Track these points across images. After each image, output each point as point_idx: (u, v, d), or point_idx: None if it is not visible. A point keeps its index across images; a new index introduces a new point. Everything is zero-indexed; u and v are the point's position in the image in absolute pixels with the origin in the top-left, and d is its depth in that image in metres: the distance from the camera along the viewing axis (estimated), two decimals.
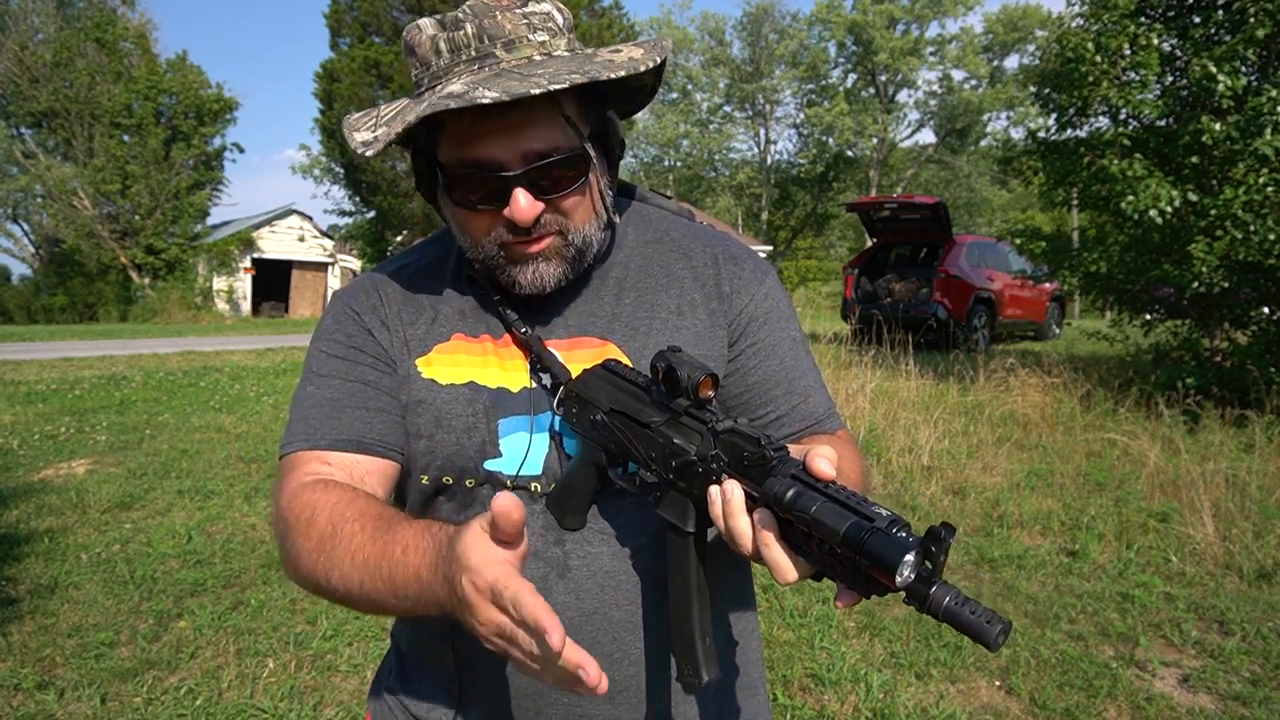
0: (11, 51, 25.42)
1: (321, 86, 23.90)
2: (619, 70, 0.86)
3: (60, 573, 3.87)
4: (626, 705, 0.95)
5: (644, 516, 0.94)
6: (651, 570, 0.94)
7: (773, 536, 0.72)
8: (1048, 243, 8.80)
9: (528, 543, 0.73)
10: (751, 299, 1.01)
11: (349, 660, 3.10)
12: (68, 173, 25.87)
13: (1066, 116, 8.10)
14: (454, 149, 0.88)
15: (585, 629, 0.93)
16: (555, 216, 0.90)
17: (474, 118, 0.85)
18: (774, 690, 2.89)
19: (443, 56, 0.88)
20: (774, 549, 0.72)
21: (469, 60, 0.87)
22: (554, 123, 0.87)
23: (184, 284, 25.68)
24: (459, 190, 0.89)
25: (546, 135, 0.86)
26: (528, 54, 0.87)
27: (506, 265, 0.92)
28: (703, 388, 0.81)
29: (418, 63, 0.90)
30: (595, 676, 0.64)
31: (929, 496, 4.98)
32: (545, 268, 0.91)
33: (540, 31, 0.88)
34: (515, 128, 0.85)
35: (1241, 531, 4.14)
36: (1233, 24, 6.88)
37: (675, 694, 0.97)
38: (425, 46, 0.89)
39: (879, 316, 10.42)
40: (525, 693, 0.94)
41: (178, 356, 13.13)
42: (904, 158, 43.84)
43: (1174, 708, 2.77)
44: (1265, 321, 7.24)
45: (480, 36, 0.86)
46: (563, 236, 0.91)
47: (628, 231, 1.04)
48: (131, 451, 6.38)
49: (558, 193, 0.89)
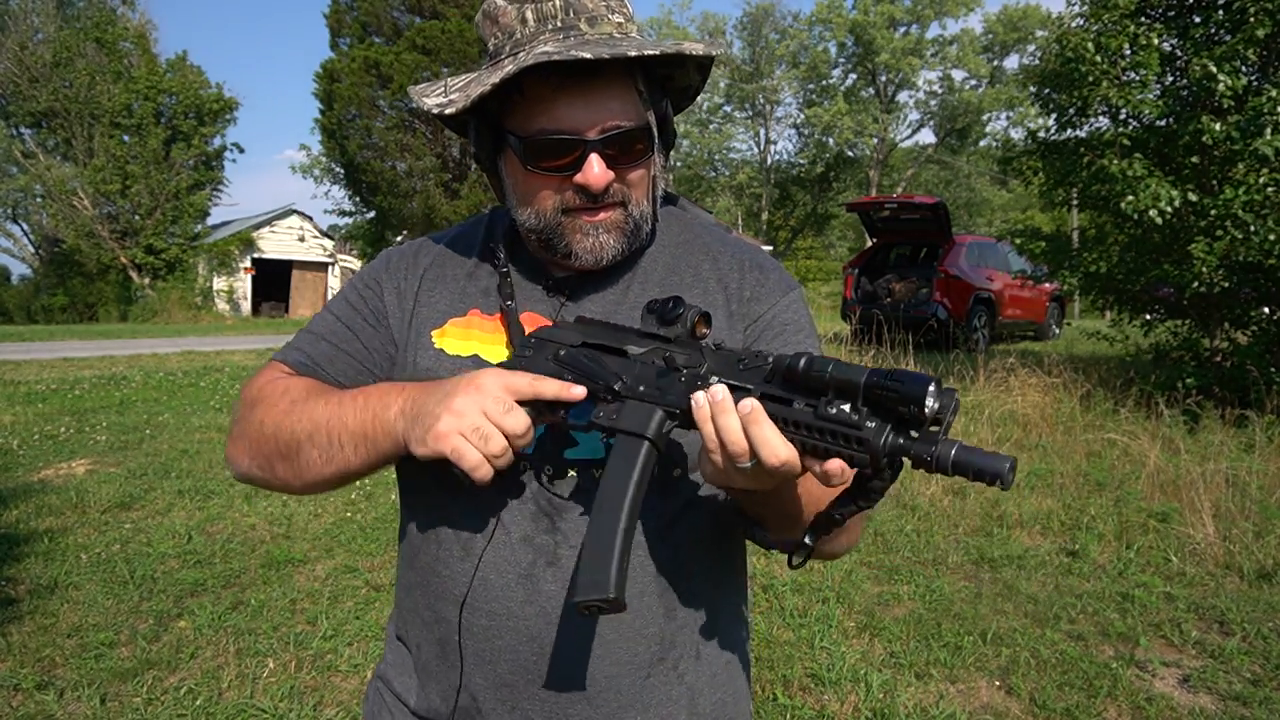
0: (11, 51, 25.42)
1: (321, 87, 23.90)
2: (698, 48, 0.91)
3: (60, 573, 3.87)
4: (605, 707, 0.93)
5: (644, 510, 0.93)
6: (645, 567, 0.94)
7: (762, 413, 0.71)
8: (1048, 243, 8.79)
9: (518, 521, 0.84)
10: (771, 307, 1.02)
11: (349, 660, 3.10)
12: (68, 173, 25.87)
13: (1066, 116, 8.09)
14: (530, 114, 0.91)
15: (569, 620, 0.92)
16: (621, 187, 0.93)
17: (555, 86, 0.88)
18: (774, 690, 2.89)
19: (529, 25, 0.91)
20: (765, 425, 0.71)
21: (554, 30, 0.90)
22: (629, 96, 0.91)
23: (184, 284, 25.68)
24: (532, 154, 0.91)
25: (623, 108, 0.90)
26: (608, 30, 0.91)
27: (568, 234, 0.94)
28: (699, 324, 0.83)
29: (500, 31, 0.93)
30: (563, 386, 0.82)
31: (929, 496, 4.98)
32: (606, 238, 0.94)
33: (617, 14, 0.93)
34: (594, 97, 0.89)
35: (1241, 531, 4.14)
36: (1233, 24, 6.88)
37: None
38: (510, 15, 0.92)
39: (879, 316, 10.42)
40: (505, 685, 0.94)
41: (178, 356, 13.14)
42: (904, 158, 43.84)
43: (1174, 708, 2.77)
44: (1265, 321, 7.24)
45: (567, 10, 0.91)
46: (624, 208, 0.94)
47: (664, 230, 1.06)
48: (131, 451, 6.38)
49: (627, 164, 0.92)
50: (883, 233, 13.65)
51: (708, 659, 1.00)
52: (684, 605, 0.97)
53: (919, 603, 3.61)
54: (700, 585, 0.99)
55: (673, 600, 0.96)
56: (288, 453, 0.93)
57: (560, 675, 0.92)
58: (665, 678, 0.96)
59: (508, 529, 0.93)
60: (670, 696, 0.96)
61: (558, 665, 0.92)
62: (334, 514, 4.78)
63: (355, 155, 23.36)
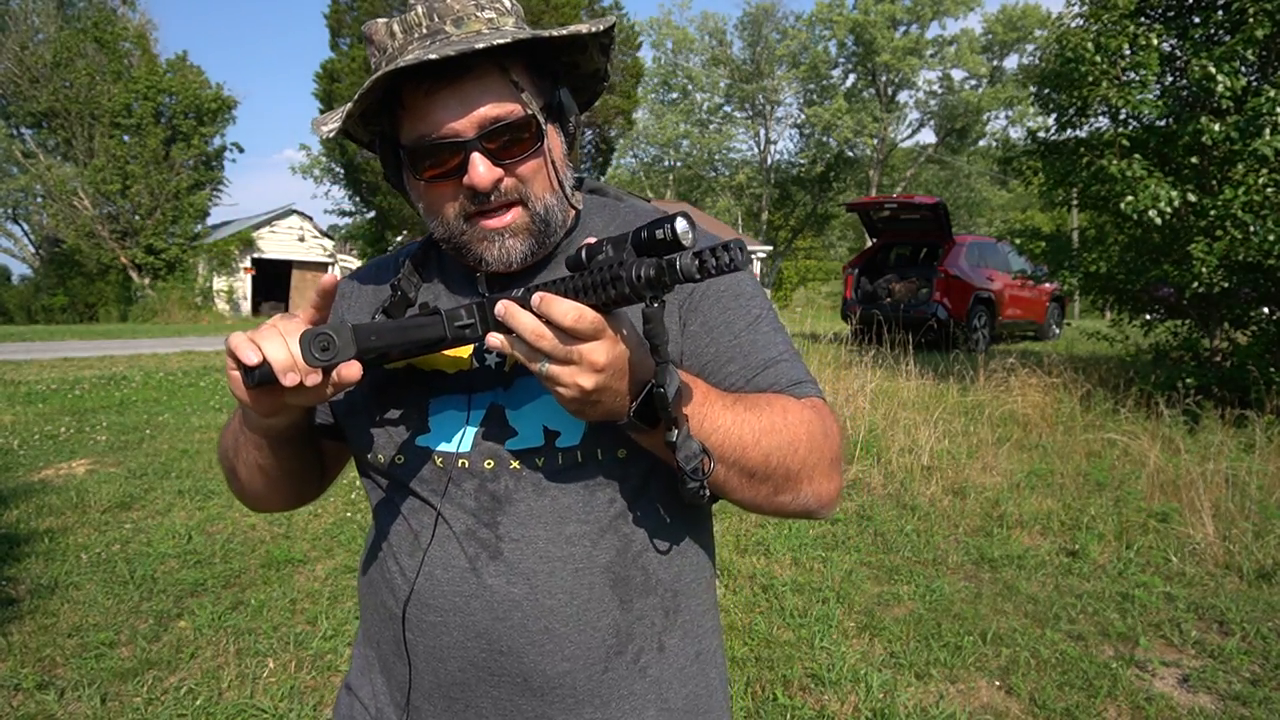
0: (11, 51, 25.42)
1: (321, 87, 23.95)
2: (559, 31, 0.89)
3: (60, 573, 3.87)
4: (560, 704, 0.92)
5: (589, 500, 0.93)
6: (593, 558, 0.92)
7: (549, 296, 0.75)
8: (1048, 243, 8.79)
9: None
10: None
11: (349, 660, 3.09)
12: (68, 173, 25.87)
13: (1066, 116, 8.09)
14: (412, 126, 0.90)
15: (514, 616, 0.91)
16: (515, 183, 0.91)
17: (428, 91, 0.88)
18: (774, 690, 2.89)
19: (396, 38, 0.91)
20: (552, 302, 0.74)
21: (421, 37, 0.90)
22: (504, 88, 0.90)
23: (184, 284, 25.68)
24: (419, 164, 0.91)
25: (498, 101, 0.89)
26: (476, 28, 0.90)
27: (472, 243, 0.93)
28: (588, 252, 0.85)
29: (376, 50, 0.94)
30: None
31: (929, 496, 4.98)
32: (512, 243, 0.93)
33: (488, 10, 0.92)
34: (466, 95, 0.88)
35: (1241, 531, 4.14)
36: (1232, 24, 6.88)
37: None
38: (381, 32, 0.93)
39: (879, 316, 10.43)
40: (457, 683, 0.94)
41: (178, 356, 13.14)
42: (904, 158, 43.87)
43: (1174, 708, 2.77)
44: (1265, 321, 7.24)
45: (430, 15, 0.90)
46: (524, 206, 0.93)
47: (592, 219, 1.05)
48: (131, 451, 6.38)
49: (514, 158, 0.91)
50: (883, 233, 13.64)
51: (673, 651, 0.98)
52: (641, 596, 0.95)
53: (919, 603, 3.61)
54: (658, 576, 0.96)
55: (627, 591, 0.94)
56: (231, 472, 1.06)
57: (511, 671, 0.92)
58: (624, 672, 0.94)
59: (449, 524, 0.94)
60: (633, 691, 0.95)
61: (508, 661, 0.91)
62: (334, 514, 4.78)
63: (355, 155, 23.41)
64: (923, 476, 5.30)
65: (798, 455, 0.89)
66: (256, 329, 0.81)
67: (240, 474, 1.03)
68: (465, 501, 0.93)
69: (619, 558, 0.94)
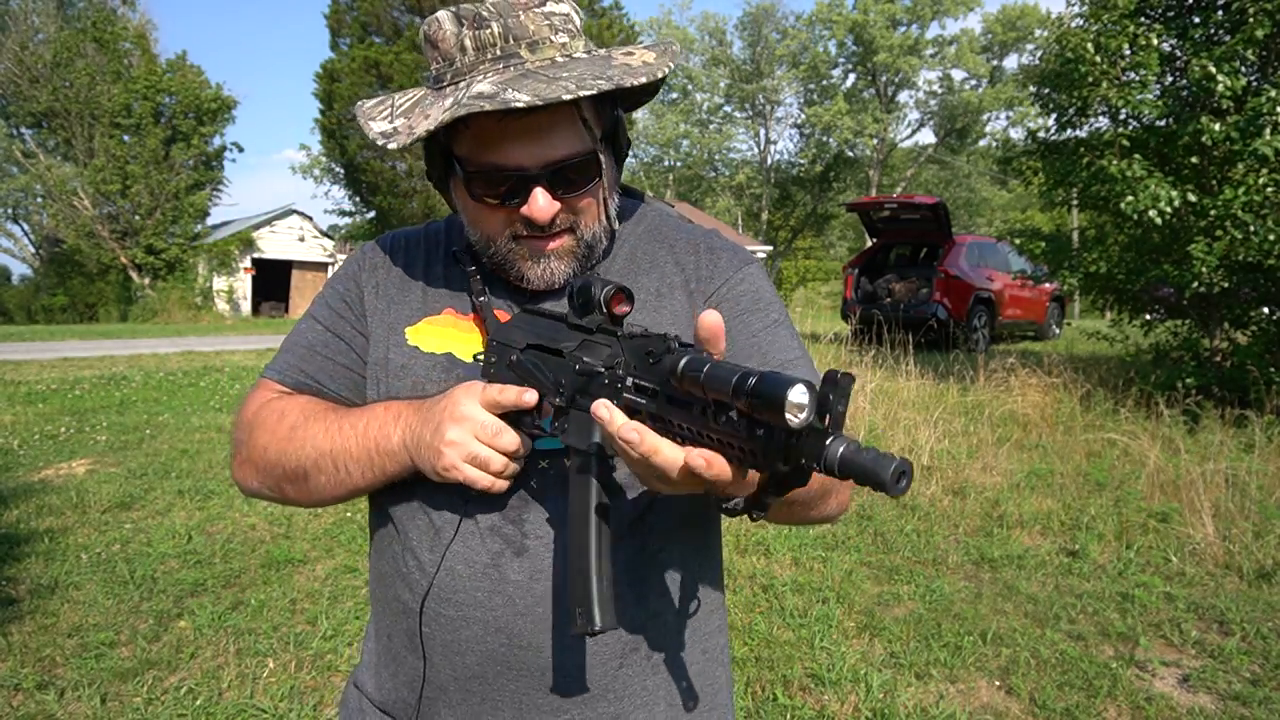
0: (11, 51, 25.43)
1: (321, 87, 23.93)
2: (640, 77, 0.89)
3: (60, 573, 3.87)
4: (576, 697, 0.93)
5: (612, 501, 0.93)
6: (614, 558, 0.92)
7: (646, 428, 0.69)
8: (1048, 243, 8.79)
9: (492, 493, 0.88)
10: (726, 283, 1.03)
11: (349, 660, 3.10)
12: (68, 173, 25.87)
13: (1066, 116, 8.10)
14: (476, 147, 0.91)
15: (537, 610, 0.92)
16: (568, 215, 0.93)
17: (500, 119, 0.88)
18: (774, 690, 2.89)
19: (468, 54, 0.90)
20: (649, 435, 0.68)
21: (494, 59, 0.89)
22: (573, 127, 0.90)
23: (184, 284, 25.67)
24: (478, 187, 0.92)
25: (567, 140, 0.90)
26: (550, 55, 0.90)
27: (518, 261, 0.95)
28: (615, 303, 0.81)
29: (440, 57, 0.92)
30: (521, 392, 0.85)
31: (929, 496, 4.98)
32: (557, 265, 0.95)
33: (561, 33, 0.91)
34: (538, 132, 0.88)
35: (1241, 531, 4.14)
36: (1232, 24, 6.88)
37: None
38: (449, 42, 0.90)
39: (879, 316, 10.42)
40: (474, 677, 0.94)
41: (178, 356, 13.14)
42: (904, 158, 43.85)
43: (1174, 708, 2.77)
44: (1265, 321, 7.24)
45: (506, 36, 0.89)
46: (573, 234, 0.95)
47: (624, 226, 1.07)
48: (131, 451, 6.38)
49: (573, 193, 0.92)
50: (883, 233, 13.64)
51: (684, 649, 1.00)
52: (655, 595, 0.97)
53: (919, 603, 3.61)
54: (672, 574, 0.99)
55: (644, 589, 0.96)
56: (295, 478, 0.98)
57: (530, 665, 0.93)
58: (639, 668, 0.96)
59: (475, 520, 0.94)
60: (645, 687, 0.96)
61: (528, 655, 0.93)
62: (334, 514, 4.78)
63: (355, 155, 23.39)
64: (923, 476, 5.30)
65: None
66: (480, 430, 0.85)
67: (314, 489, 0.98)
68: (493, 498, 0.94)
69: (637, 557, 0.96)
